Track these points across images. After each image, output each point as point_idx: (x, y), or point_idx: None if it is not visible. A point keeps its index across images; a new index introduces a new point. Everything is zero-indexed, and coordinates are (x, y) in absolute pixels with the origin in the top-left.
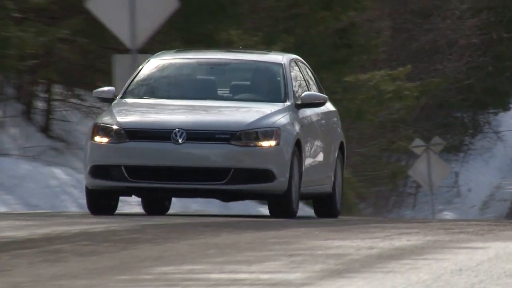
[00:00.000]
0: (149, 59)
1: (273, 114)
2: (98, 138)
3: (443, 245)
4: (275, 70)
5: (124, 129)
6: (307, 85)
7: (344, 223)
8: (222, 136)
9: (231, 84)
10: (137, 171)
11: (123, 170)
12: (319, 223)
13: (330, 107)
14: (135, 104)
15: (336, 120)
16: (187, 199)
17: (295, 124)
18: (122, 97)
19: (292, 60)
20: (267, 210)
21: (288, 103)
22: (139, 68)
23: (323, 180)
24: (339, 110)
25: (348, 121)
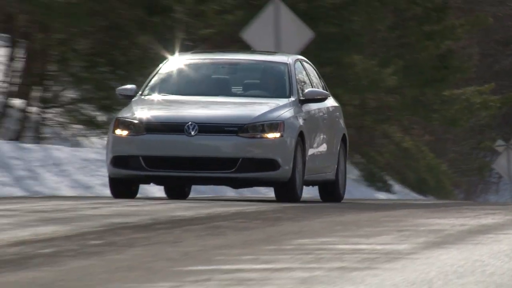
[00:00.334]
0: (167, 59)
1: (278, 109)
2: (118, 131)
3: None
4: (281, 69)
5: (142, 122)
6: (311, 82)
7: (441, 205)
8: (231, 128)
9: (241, 82)
10: (153, 161)
11: (141, 160)
12: (421, 206)
13: (333, 103)
14: (153, 100)
15: (339, 114)
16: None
17: (298, 118)
18: (142, 94)
19: (297, 60)
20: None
21: (292, 98)
22: (158, 67)
23: (326, 168)
24: (439, 118)
25: (444, 127)
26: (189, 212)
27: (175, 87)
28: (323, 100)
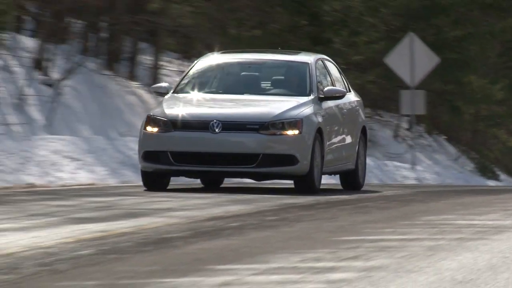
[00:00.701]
0: (198, 60)
1: (298, 107)
2: (149, 128)
3: None
4: (302, 68)
5: (170, 120)
6: (332, 80)
7: None
8: (252, 126)
9: (265, 80)
10: (180, 156)
11: (169, 156)
12: None
13: (354, 97)
14: (182, 98)
15: (359, 108)
16: None
17: (317, 115)
18: (173, 92)
19: (319, 60)
20: None
21: (312, 96)
22: (190, 67)
23: (346, 159)
24: None
25: None
26: (342, 196)
27: (204, 86)
28: (341, 97)
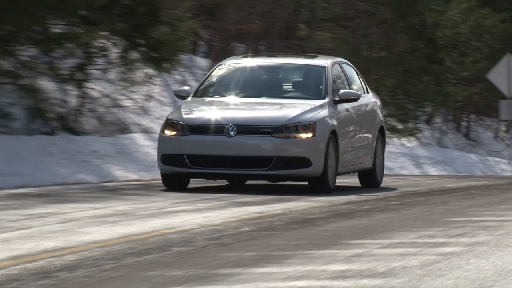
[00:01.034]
0: (219, 64)
1: (312, 110)
2: (167, 131)
3: None
4: (318, 72)
5: (187, 124)
6: (349, 83)
7: None
8: (266, 130)
9: (282, 84)
10: (196, 159)
11: (186, 159)
12: None
13: (371, 98)
14: (200, 102)
15: (376, 109)
16: None
17: (331, 118)
18: (193, 96)
19: (336, 63)
20: None
21: (327, 99)
22: (210, 71)
23: (362, 158)
24: None
25: None
26: (452, 185)
27: (222, 89)
28: (355, 100)
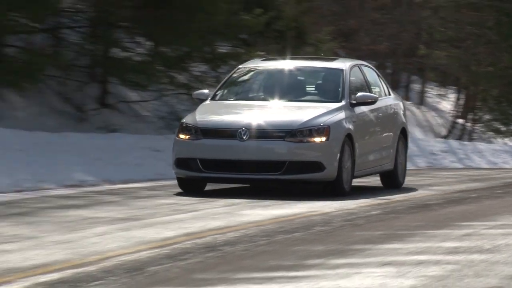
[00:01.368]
0: (239, 67)
1: (327, 113)
2: (181, 135)
3: None
4: (336, 74)
5: (200, 128)
6: (368, 86)
7: None
8: (279, 134)
9: (299, 87)
10: (209, 164)
11: (198, 163)
12: None
13: (393, 100)
14: (217, 105)
15: (398, 110)
16: None
17: (347, 121)
18: (212, 99)
19: (355, 66)
20: None
21: (343, 102)
22: (229, 74)
23: (382, 160)
24: None
25: None
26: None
27: (239, 93)
28: (373, 103)
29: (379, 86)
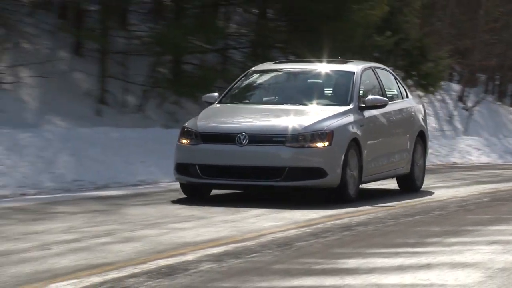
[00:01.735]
0: (250, 70)
1: (331, 117)
2: (183, 140)
3: None
4: (347, 77)
5: (199, 132)
6: (381, 89)
7: None
8: (278, 139)
9: (308, 90)
10: (207, 170)
11: (197, 168)
12: None
13: (411, 103)
14: (221, 109)
15: (414, 114)
16: None
17: (353, 125)
18: (219, 102)
19: (369, 69)
20: None
21: (351, 106)
22: (239, 78)
23: (398, 164)
24: None
25: None
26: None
27: (247, 96)
28: (383, 106)
29: (396, 89)
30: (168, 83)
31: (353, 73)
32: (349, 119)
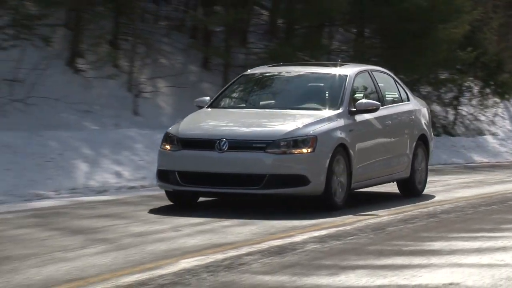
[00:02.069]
0: (243, 73)
1: (317, 122)
2: (164, 146)
3: None
4: (339, 81)
5: (180, 138)
6: (378, 93)
7: None
8: (258, 145)
9: (297, 94)
10: (187, 177)
11: (177, 175)
12: None
13: (411, 107)
14: (206, 114)
15: (415, 117)
16: None
17: (341, 130)
18: (208, 106)
19: (365, 72)
20: None
21: (340, 110)
22: (231, 81)
23: (396, 168)
24: None
25: None
26: None
27: (235, 100)
28: (375, 111)
29: (397, 92)
30: None
31: (345, 76)
32: (336, 124)
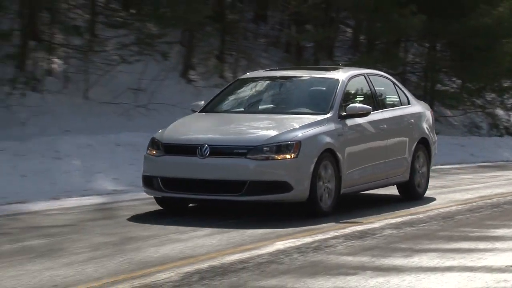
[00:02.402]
0: (238, 78)
1: (303, 127)
2: (150, 151)
3: None
4: (331, 85)
5: (163, 143)
6: (374, 97)
7: None
8: (240, 151)
9: (288, 98)
10: (169, 183)
11: (159, 181)
12: None
13: (410, 110)
14: (194, 118)
15: (415, 120)
16: None
17: (328, 135)
18: (200, 111)
19: (360, 75)
20: None
21: (329, 114)
22: (225, 86)
23: (393, 172)
24: None
25: None
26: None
27: (226, 105)
28: (365, 115)
29: (396, 96)
30: None
31: (337, 80)
32: (324, 128)
